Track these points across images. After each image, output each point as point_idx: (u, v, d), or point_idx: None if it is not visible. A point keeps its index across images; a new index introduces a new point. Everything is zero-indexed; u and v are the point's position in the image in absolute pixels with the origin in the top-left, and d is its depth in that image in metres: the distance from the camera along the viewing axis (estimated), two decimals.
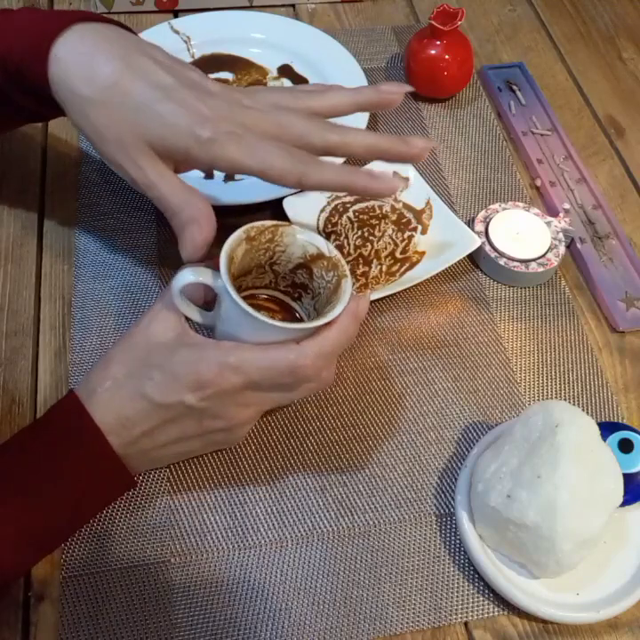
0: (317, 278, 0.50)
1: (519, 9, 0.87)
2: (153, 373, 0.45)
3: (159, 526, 0.50)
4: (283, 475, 0.53)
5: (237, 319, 0.46)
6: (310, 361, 0.45)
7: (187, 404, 0.45)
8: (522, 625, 0.49)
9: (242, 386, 0.45)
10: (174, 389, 0.45)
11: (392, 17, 0.85)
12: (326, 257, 0.49)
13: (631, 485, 0.49)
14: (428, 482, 0.53)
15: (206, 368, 0.44)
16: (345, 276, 0.48)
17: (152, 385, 0.45)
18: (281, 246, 0.50)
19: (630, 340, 0.62)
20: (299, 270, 0.51)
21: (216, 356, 0.45)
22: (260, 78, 0.75)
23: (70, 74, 0.47)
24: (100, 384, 0.46)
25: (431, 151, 0.72)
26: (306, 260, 0.50)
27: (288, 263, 0.51)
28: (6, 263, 0.63)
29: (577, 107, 0.78)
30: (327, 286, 0.49)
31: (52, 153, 0.70)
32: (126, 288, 0.61)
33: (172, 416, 0.46)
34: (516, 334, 0.61)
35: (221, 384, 0.45)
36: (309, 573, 0.49)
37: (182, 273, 0.47)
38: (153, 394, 0.45)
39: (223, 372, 0.44)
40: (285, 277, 0.52)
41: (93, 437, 0.45)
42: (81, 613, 0.47)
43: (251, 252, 0.49)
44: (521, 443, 0.48)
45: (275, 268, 0.51)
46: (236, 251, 0.47)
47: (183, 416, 0.46)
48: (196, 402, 0.45)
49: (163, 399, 0.45)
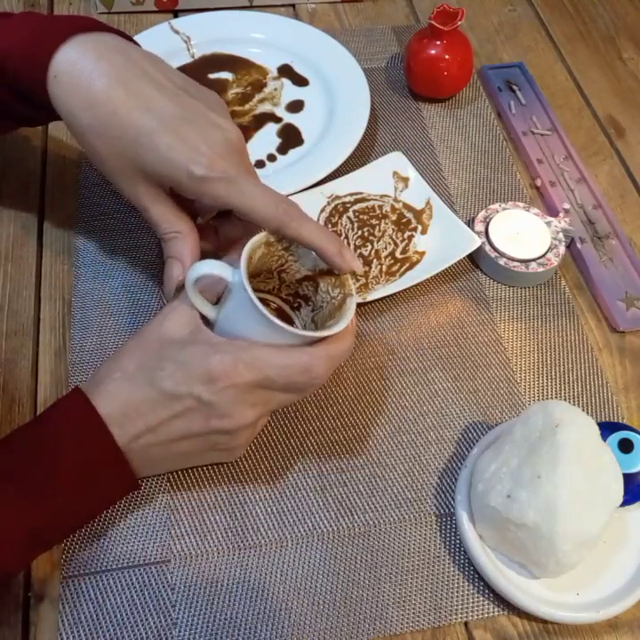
0: (322, 292, 0.51)
1: (519, 9, 0.87)
2: (165, 364, 0.45)
3: (159, 526, 0.50)
4: (283, 475, 0.53)
5: (247, 318, 0.46)
6: (322, 362, 0.46)
7: (197, 396, 0.45)
8: (522, 625, 0.49)
9: (254, 382, 0.45)
10: (185, 380, 0.45)
11: (392, 17, 0.85)
12: (335, 274, 0.50)
13: (631, 485, 0.49)
14: (428, 482, 0.53)
15: (219, 361, 0.45)
16: (351, 295, 0.49)
17: (163, 375, 0.45)
18: (294, 256, 0.50)
19: (630, 339, 0.62)
20: (305, 282, 0.52)
21: (230, 351, 0.45)
22: (260, 78, 0.75)
23: (69, 97, 0.47)
24: (108, 375, 0.46)
25: (431, 151, 0.72)
26: (315, 273, 0.51)
27: (296, 273, 0.51)
28: (6, 263, 0.63)
29: (577, 107, 0.78)
30: (331, 302, 0.50)
31: (52, 153, 0.70)
32: (126, 288, 0.61)
33: (180, 410, 0.45)
34: (516, 334, 0.61)
35: (234, 378, 0.45)
36: (309, 573, 0.49)
37: (198, 264, 0.47)
38: (163, 383, 0.45)
39: (237, 367, 0.45)
40: (290, 286, 0.53)
41: (96, 428, 0.45)
42: (81, 613, 0.47)
43: (266, 256, 0.49)
44: (521, 443, 0.48)
45: (282, 276, 0.52)
46: (255, 252, 0.48)
47: (191, 411, 0.45)
48: (207, 395, 0.45)
49: (173, 389, 0.45)
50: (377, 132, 0.73)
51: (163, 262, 0.62)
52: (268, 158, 0.69)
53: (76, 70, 0.47)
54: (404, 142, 0.73)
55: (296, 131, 0.71)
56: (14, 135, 0.70)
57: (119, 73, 0.47)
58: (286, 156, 0.70)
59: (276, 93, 0.74)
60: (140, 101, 0.46)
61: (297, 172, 0.66)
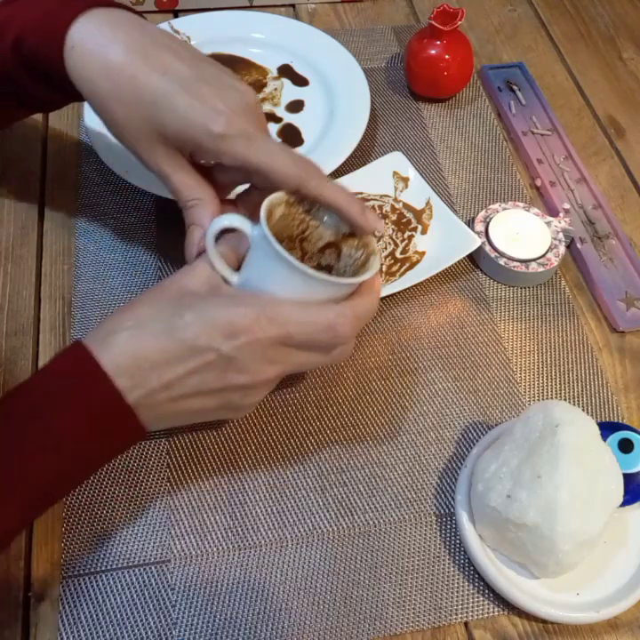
0: (345, 257, 0.50)
1: (519, 9, 0.87)
2: (185, 313, 0.43)
3: (159, 526, 0.50)
4: (283, 475, 0.53)
5: (272, 271, 0.44)
6: (349, 321, 0.45)
7: (216, 349, 0.43)
8: (522, 625, 0.49)
9: (276, 338, 0.44)
10: (206, 332, 0.43)
11: (392, 17, 0.85)
12: (357, 237, 0.49)
13: (631, 485, 0.49)
14: (428, 482, 0.53)
15: (242, 315, 0.43)
16: (374, 253, 0.48)
17: (182, 324, 0.43)
18: (316, 220, 0.49)
19: (630, 339, 0.62)
20: (327, 249, 0.51)
21: (254, 304, 0.43)
22: (260, 78, 0.75)
23: (87, 66, 0.47)
24: (119, 324, 0.43)
25: (431, 151, 0.72)
26: (337, 238, 0.50)
27: (318, 241, 0.50)
28: (6, 263, 0.63)
29: (577, 107, 0.78)
30: (354, 263, 0.49)
31: (52, 153, 0.70)
32: (126, 288, 0.61)
33: (198, 364, 0.43)
34: (516, 334, 0.61)
35: (257, 333, 0.43)
36: (309, 573, 0.49)
37: (217, 219, 0.46)
38: (182, 333, 0.42)
39: (260, 321, 0.43)
40: (312, 258, 0.51)
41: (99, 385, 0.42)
42: (81, 613, 0.47)
43: (287, 217, 0.48)
44: (521, 443, 0.48)
45: (304, 245, 0.51)
46: (276, 208, 0.47)
47: (209, 365, 0.43)
48: (227, 350, 0.43)
49: (193, 341, 0.42)
50: (377, 132, 0.73)
51: (163, 262, 0.63)
52: None
53: (93, 40, 0.47)
54: (404, 142, 0.73)
55: (296, 131, 0.71)
56: (14, 135, 0.70)
57: (136, 41, 0.47)
58: None
59: (276, 93, 0.74)
60: (157, 65, 0.46)
61: None
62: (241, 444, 0.54)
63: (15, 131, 0.70)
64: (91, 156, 0.68)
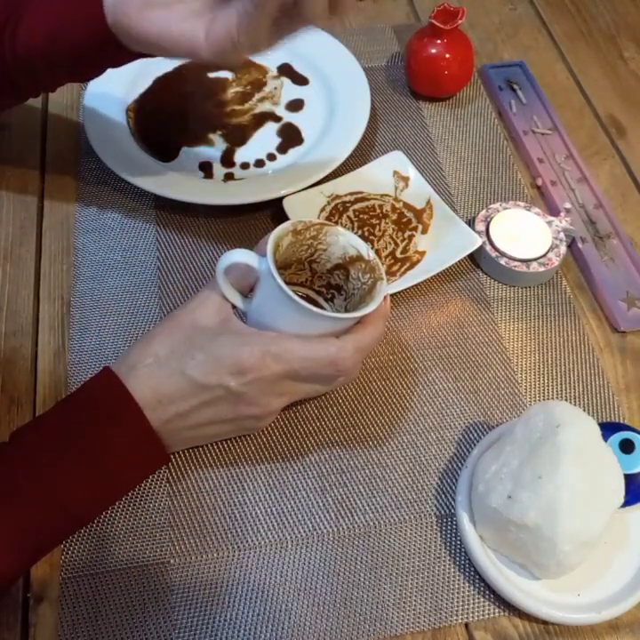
0: (353, 280, 0.52)
1: (520, 8, 0.87)
2: (196, 353, 0.47)
3: (159, 527, 0.50)
4: (283, 475, 0.53)
5: (277, 304, 0.46)
6: (350, 355, 0.47)
7: (225, 386, 0.46)
8: (523, 626, 0.49)
9: (282, 374, 0.47)
10: (216, 371, 0.46)
11: (392, 16, 0.85)
12: (365, 260, 0.51)
13: (632, 486, 0.49)
14: (429, 483, 0.53)
15: (249, 354, 0.46)
16: (381, 279, 0.49)
17: (194, 364, 0.46)
18: (323, 245, 0.51)
19: (631, 340, 0.62)
20: (336, 271, 0.52)
21: (259, 343, 0.46)
22: (259, 77, 0.75)
23: None
24: (140, 360, 0.47)
25: (432, 150, 0.72)
26: (345, 261, 0.52)
27: (327, 262, 0.52)
28: (5, 263, 0.62)
29: (578, 106, 0.78)
30: (362, 287, 0.51)
31: (51, 153, 0.70)
32: (125, 288, 0.61)
33: (210, 398, 0.47)
34: (516, 334, 0.61)
35: (263, 370, 0.46)
36: (309, 574, 0.49)
37: (226, 254, 0.48)
38: (194, 373, 0.46)
39: (265, 359, 0.46)
40: (322, 277, 0.53)
41: (133, 412, 0.46)
42: (80, 614, 0.47)
43: (295, 245, 0.50)
44: (522, 443, 0.48)
45: (313, 266, 0.53)
46: (282, 239, 0.49)
47: (220, 399, 0.47)
48: (236, 386, 0.46)
49: (203, 379, 0.46)
50: (377, 132, 0.73)
51: (162, 262, 0.63)
52: (268, 157, 0.69)
53: None
54: (404, 141, 0.73)
55: (296, 130, 0.71)
56: (14, 135, 0.70)
57: None
58: (286, 155, 0.69)
59: (276, 92, 0.74)
60: None
61: (297, 172, 0.66)
62: (241, 445, 0.54)
63: (15, 130, 0.70)
64: (91, 156, 0.68)
